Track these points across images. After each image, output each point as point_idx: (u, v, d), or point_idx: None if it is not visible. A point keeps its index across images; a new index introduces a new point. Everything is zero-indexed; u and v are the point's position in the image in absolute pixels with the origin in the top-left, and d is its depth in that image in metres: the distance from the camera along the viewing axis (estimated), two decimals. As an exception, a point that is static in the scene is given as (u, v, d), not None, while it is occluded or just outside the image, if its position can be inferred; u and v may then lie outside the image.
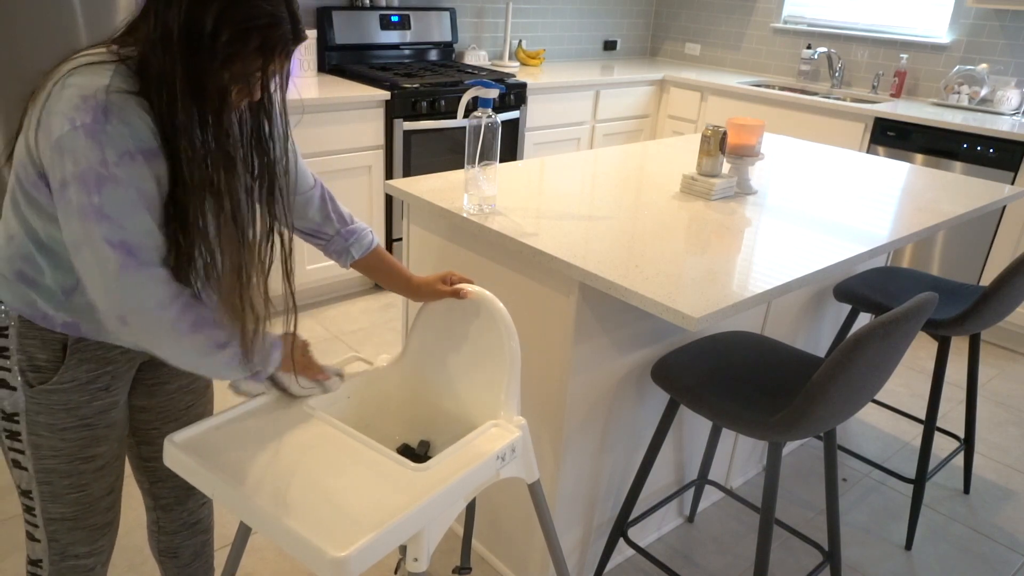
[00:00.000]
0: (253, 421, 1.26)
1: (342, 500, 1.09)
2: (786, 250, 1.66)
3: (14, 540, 1.98)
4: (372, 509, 1.07)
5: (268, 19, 1.00)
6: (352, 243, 1.39)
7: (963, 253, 3.43)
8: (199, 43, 0.98)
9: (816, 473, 2.48)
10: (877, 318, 1.32)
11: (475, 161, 1.72)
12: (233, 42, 0.98)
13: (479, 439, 1.27)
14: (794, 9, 4.45)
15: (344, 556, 0.98)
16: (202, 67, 0.99)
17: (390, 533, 1.04)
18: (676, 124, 4.39)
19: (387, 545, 1.04)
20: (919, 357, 3.35)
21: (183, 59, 0.98)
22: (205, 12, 0.97)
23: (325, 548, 0.98)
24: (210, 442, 1.20)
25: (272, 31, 1.00)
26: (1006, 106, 3.63)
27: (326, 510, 1.07)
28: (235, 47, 0.99)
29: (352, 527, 1.03)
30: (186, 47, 0.98)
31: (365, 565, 1.00)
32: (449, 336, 1.49)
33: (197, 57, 0.99)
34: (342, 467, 1.17)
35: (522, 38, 4.44)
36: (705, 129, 1.99)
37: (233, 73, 1.01)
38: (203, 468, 1.14)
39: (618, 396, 1.79)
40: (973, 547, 2.20)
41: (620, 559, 2.04)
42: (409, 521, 1.07)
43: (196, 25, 0.97)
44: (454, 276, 1.43)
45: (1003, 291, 1.86)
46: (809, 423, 1.41)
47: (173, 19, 0.97)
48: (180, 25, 0.97)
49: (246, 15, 0.98)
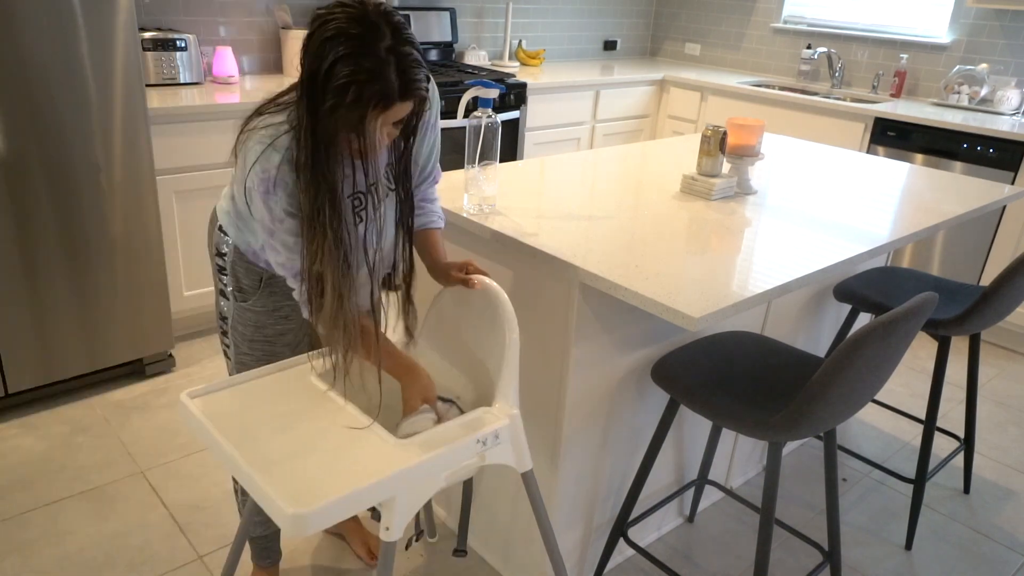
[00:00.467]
0: (263, 387, 1.41)
1: (319, 463, 1.21)
2: (786, 250, 1.66)
3: (14, 540, 1.99)
4: (342, 474, 1.18)
5: (366, 75, 1.14)
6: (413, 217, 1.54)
7: (963, 253, 3.43)
8: (315, 88, 1.16)
9: (816, 473, 2.48)
10: (877, 318, 1.32)
11: (475, 161, 1.73)
12: (338, 92, 1.14)
13: (464, 422, 1.35)
14: (794, 9, 4.45)
15: (301, 513, 1.08)
16: (316, 110, 1.17)
17: (352, 497, 1.13)
18: (676, 124, 4.39)
19: (348, 508, 1.13)
20: (919, 357, 3.35)
21: (308, 102, 1.18)
22: (322, 62, 1.14)
23: (285, 504, 1.09)
24: (220, 401, 1.35)
25: (369, 86, 1.14)
26: (1006, 106, 3.63)
27: (301, 470, 1.18)
28: (338, 97, 1.14)
29: (319, 488, 1.14)
30: (309, 91, 1.17)
31: (323, 524, 1.10)
32: (458, 324, 1.56)
33: (314, 101, 1.17)
34: (329, 434, 1.28)
35: (522, 38, 4.44)
36: (705, 129, 1.99)
37: (338, 119, 1.17)
38: (205, 424, 1.27)
39: (618, 396, 1.79)
40: (973, 547, 2.20)
41: (620, 559, 2.04)
42: (374, 489, 1.16)
43: (315, 72, 1.15)
44: (471, 266, 1.49)
45: (1003, 291, 1.86)
46: (809, 423, 1.41)
47: (306, 66, 1.17)
48: (307, 71, 1.16)
49: (350, 70, 1.13)
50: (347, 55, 1.13)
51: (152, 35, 2.88)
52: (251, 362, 1.57)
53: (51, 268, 2.42)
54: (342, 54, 1.13)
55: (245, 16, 3.34)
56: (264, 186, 1.24)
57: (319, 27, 1.16)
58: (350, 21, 1.14)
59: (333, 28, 1.14)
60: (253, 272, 1.50)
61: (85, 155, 2.38)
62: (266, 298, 1.52)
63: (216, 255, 1.53)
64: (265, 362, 1.57)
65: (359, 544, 2.00)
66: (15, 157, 2.26)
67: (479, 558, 2.03)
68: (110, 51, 2.35)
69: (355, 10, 1.15)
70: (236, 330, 1.56)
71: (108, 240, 2.51)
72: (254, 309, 1.53)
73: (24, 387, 2.49)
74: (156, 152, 2.63)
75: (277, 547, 1.85)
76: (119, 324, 2.62)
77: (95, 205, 2.45)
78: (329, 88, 1.14)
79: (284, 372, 1.46)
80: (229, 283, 1.52)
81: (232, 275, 1.51)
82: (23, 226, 2.33)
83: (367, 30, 1.14)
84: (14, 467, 2.26)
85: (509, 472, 1.85)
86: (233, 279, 1.51)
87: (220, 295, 1.56)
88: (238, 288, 1.52)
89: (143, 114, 2.48)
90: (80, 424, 2.48)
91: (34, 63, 2.21)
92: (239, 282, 1.51)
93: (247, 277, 1.50)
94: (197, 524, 2.08)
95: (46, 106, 2.27)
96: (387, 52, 1.15)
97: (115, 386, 2.71)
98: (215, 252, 1.53)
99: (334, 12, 1.16)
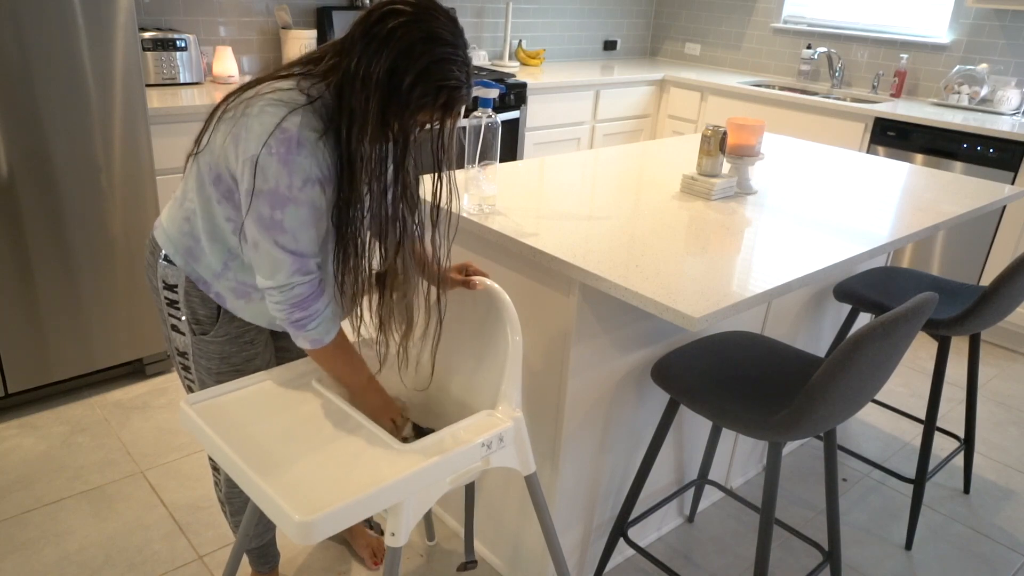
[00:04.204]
0: (264, 393, 1.39)
1: (324, 469, 1.19)
2: (786, 250, 1.66)
3: (14, 540, 1.98)
4: (348, 480, 1.16)
5: (456, 82, 1.19)
6: None
7: (963, 253, 3.43)
8: (397, 91, 1.16)
9: (816, 473, 2.48)
10: (877, 318, 1.32)
11: (475, 161, 1.73)
12: (425, 95, 1.17)
13: (469, 426, 1.34)
14: (794, 9, 4.45)
15: (309, 520, 1.06)
16: (393, 110, 1.18)
17: (358, 504, 1.12)
18: (676, 124, 4.39)
19: (355, 515, 1.12)
20: (919, 357, 3.35)
21: (379, 101, 1.17)
22: (410, 67, 1.15)
23: (292, 511, 1.08)
24: (220, 407, 1.34)
25: (456, 92, 1.20)
26: (1006, 106, 3.63)
27: (307, 477, 1.17)
28: (426, 100, 1.18)
29: (324, 494, 1.12)
30: (385, 92, 1.17)
31: (330, 531, 1.09)
32: (460, 327, 1.56)
33: (390, 101, 1.17)
34: (333, 440, 1.27)
35: (522, 38, 4.44)
36: (705, 129, 1.99)
37: (418, 121, 1.22)
38: (208, 430, 1.26)
39: (618, 396, 1.78)
40: (973, 547, 2.20)
41: (620, 559, 2.04)
42: (380, 495, 1.15)
43: (398, 76, 1.16)
44: (471, 267, 1.49)
45: (1003, 291, 1.86)
46: (809, 423, 1.41)
47: (378, 66, 1.15)
48: (384, 71, 1.15)
49: (442, 76, 1.17)
50: (442, 60, 1.17)
51: (152, 35, 2.88)
52: None
53: (51, 268, 2.42)
54: (438, 58, 1.16)
55: (245, 16, 3.34)
56: (286, 146, 1.16)
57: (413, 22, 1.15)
58: (446, 23, 1.18)
59: (426, 29, 1.16)
60: (210, 301, 1.41)
61: (85, 155, 2.38)
62: (227, 325, 1.43)
63: (164, 288, 1.42)
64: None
65: (363, 547, 1.99)
66: (15, 157, 2.26)
67: (479, 559, 2.03)
68: (110, 51, 2.35)
69: (447, 18, 1.19)
70: (199, 364, 1.46)
71: (108, 240, 2.51)
72: (216, 340, 1.43)
73: (24, 387, 2.49)
74: (156, 152, 2.63)
75: (274, 551, 1.84)
76: (119, 324, 2.62)
77: (95, 205, 2.45)
78: (416, 90, 1.16)
79: (284, 377, 1.45)
80: (184, 316, 1.42)
81: (187, 307, 1.41)
82: (23, 226, 2.33)
83: (457, 36, 1.19)
84: (14, 467, 2.26)
85: (508, 474, 1.85)
86: (189, 311, 1.41)
87: (173, 330, 1.46)
88: (195, 320, 1.42)
89: (143, 114, 2.48)
90: (80, 424, 2.48)
91: (34, 63, 2.21)
92: (195, 314, 1.41)
93: (203, 307, 1.41)
94: (197, 524, 2.08)
95: (46, 106, 2.27)
96: (464, 66, 1.21)
97: (115, 386, 2.71)
98: (161, 285, 1.42)
99: (431, 10, 1.17)
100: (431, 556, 2.02)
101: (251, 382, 1.41)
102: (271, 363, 1.56)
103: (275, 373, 1.45)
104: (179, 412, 1.35)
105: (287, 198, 1.18)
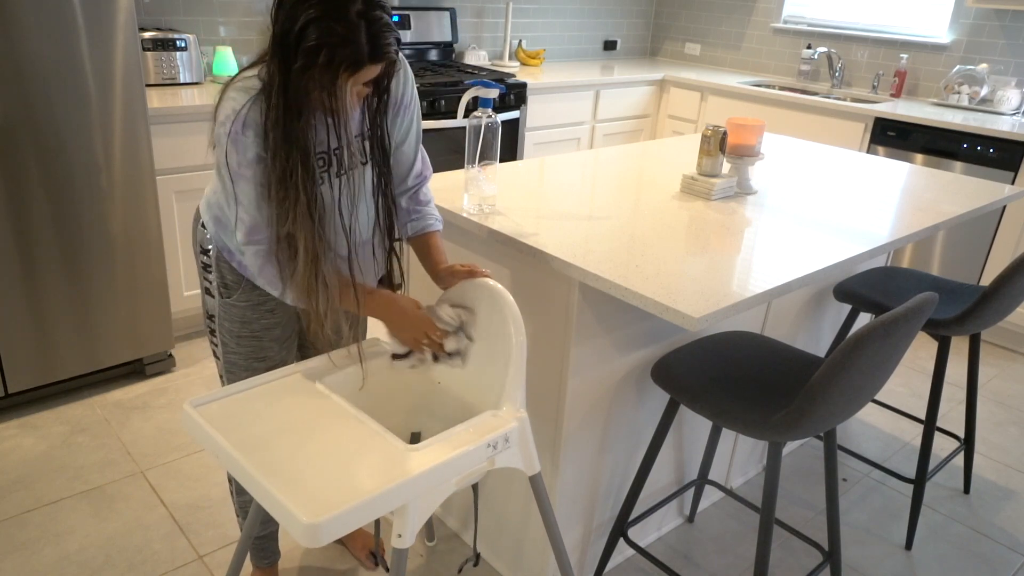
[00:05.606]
0: (268, 395, 1.39)
1: (330, 471, 1.18)
2: (786, 250, 1.66)
3: (14, 540, 1.98)
4: (355, 482, 1.16)
5: (338, 39, 1.16)
6: (409, 222, 1.57)
7: (963, 253, 3.43)
8: (287, 48, 1.18)
9: (816, 473, 2.48)
10: (877, 318, 1.32)
11: (475, 161, 1.73)
12: (308, 53, 1.17)
13: (474, 426, 1.33)
14: (794, 9, 4.45)
15: (316, 522, 1.06)
16: (288, 70, 1.19)
17: (366, 505, 1.11)
18: (676, 124, 4.39)
19: (362, 517, 1.11)
20: (919, 357, 3.35)
21: (279, 62, 1.20)
22: (295, 23, 1.16)
23: (300, 513, 1.07)
24: (224, 409, 1.34)
25: (340, 50, 1.17)
26: (1006, 106, 3.63)
27: (313, 479, 1.16)
28: (310, 58, 1.17)
29: (332, 496, 1.12)
30: (281, 51, 1.19)
31: (338, 533, 1.08)
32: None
33: (286, 61, 1.19)
34: (339, 442, 1.26)
35: (522, 38, 4.44)
36: (705, 129, 1.99)
37: (309, 79, 1.20)
38: (211, 432, 1.26)
39: (618, 396, 1.79)
40: (973, 547, 2.20)
41: (620, 559, 2.04)
42: (386, 497, 1.14)
43: (287, 33, 1.17)
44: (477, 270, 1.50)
45: (1003, 291, 1.86)
46: (809, 423, 1.41)
47: (278, 26, 1.19)
48: (279, 31, 1.19)
49: (322, 32, 1.15)
50: (318, 18, 1.15)
51: (152, 35, 2.88)
52: (240, 360, 1.58)
53: (51, 268, 2.42)
54: (313, 17, 1.15)
55: (245, 16, 3.34)
56: (235, 125, 1.24)
57: None
58: None
59: None
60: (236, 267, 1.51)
61: (85, 155, 2.38)
62: (249, 292, 1.52)
63: (200, 252, 1.54)
64: (254, 359, 1.58)
65: (359, 548, 1.99)
66: (15, 157, 2.26)
67: (480, 559, 2.03)
68: (110, 51, 2.35)
69: None
70: (223, 327, 1.56)
71: (108, 240, 2.51)
72: (239, 304, 1.53)
73: (24, 387, 2.49)
74: (156, 152, 2.63)
75: (275, 547, 1.84)
76: (119, 324, 2.62)
77: (95, 205, 2.45)
78: (301, 49, 1.17)
79: (286, 379, 1.45)
80: (214, 279, 1.52)
81: (217, 271, 1.51)
82: (23, 226, 2.33)
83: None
84: (14, 467, 2.26)
85: (510, 474, 1.85)
86: (218, 275, 1.51)
87: (206, 293, 1.57)
88: (223, 284, 1.52)
89: (143, 114, 2.48)
90: (80, 424, 2.48)
91: (34, 63, 2.21)
92: (224, 278, 1.51)
93: (231, 273, 1.51)
94: (197, 524, 2.08)
95: (46, 106, 2.27)
96: (358, 16, 1.17)
97: (115, 386, 2.71)
98: (199, 249, 1.54)
99: None
100: (431, 556, 2.02)
101: (253, 384, 1.41)
102: (291, 342, 1.64)
103: (278, 375, 1.45)
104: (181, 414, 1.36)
105: (236, 173, 1.28)
